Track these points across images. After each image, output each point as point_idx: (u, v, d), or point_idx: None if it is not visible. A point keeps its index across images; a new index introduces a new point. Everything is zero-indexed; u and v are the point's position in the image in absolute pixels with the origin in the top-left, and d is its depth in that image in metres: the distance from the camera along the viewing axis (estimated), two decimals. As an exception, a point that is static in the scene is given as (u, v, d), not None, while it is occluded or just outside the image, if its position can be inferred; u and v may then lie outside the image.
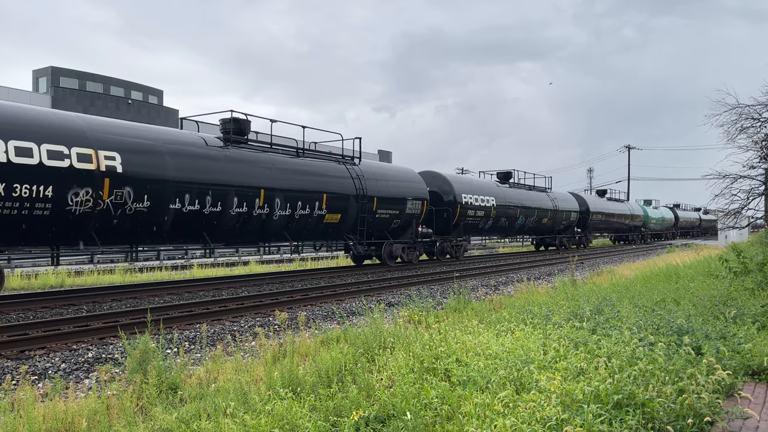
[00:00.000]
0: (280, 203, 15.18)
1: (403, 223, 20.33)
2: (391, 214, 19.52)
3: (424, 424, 3.91)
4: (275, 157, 15.65)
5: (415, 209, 20.59)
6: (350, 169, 18.22)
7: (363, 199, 18.04)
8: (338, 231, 17.86)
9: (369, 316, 7.03)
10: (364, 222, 18.23)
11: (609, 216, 40.91)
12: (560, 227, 34.19)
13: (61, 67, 45.18)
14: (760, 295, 8.92)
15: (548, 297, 10.04)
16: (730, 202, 13.02)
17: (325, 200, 16.69)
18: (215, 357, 6.37)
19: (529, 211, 29.38)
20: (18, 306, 10.92)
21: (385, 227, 19.66)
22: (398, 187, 20.01)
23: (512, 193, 28.47)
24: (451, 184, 23.68)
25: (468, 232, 25.46)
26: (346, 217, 17.62)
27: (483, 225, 25.71)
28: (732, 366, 5.28)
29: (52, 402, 4.62)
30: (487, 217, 25.57)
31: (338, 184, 17.37)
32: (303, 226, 16.30)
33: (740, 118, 12.56)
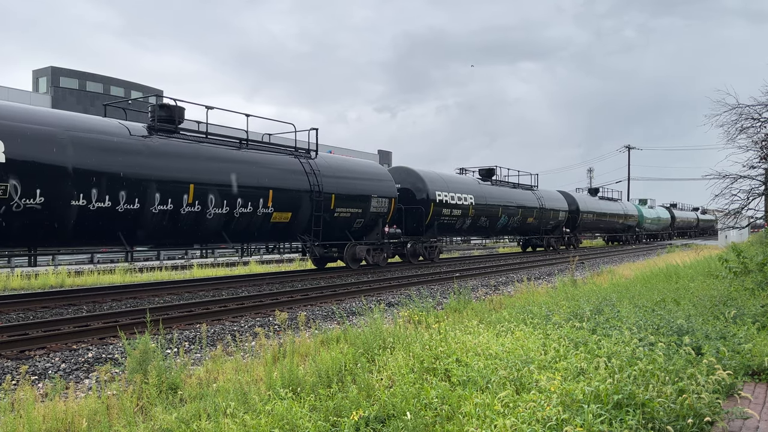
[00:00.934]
0: (215, 200, 13.55)
1: (367, 222, 18.70)
2: (352, 213, 17.95)
3: (424, 424, 3.91)
4: (210, 148, 13.99)
5: (381, 208, 18.97)
6: (305, 163, 16.55)
7: (318, 196, 16.40)
8: (289, 231, 16.17)
9: (369, 316, 7.03)
10: (319, 221, 16.60)
11: (601, 216, 39.45)
12: (547, 227, 32.58)
13: (61, 67, 45.20)
14: (760, 295, 8.92)
15: (548, 297, 10.04)
16: (730, 202, 13.03)
17: (272, 197, 15.03)
18: (215, 357, 6.36)
19: (513, 210, 27.74)
20: (18, 306, 10.92)
21: (346, 227, 18.07)
22: (361, 184, 18.38)
23: (494, 191, 26.79)
24: (423, 180, 22.02)
25: (443, 233, 23.91)
26: (298, 216, 15.96)
27: (460, 225, 24.05)
28: (732, 366, 5.28)
29: (52, 402, 4.62)
30: (465, 217, 23.96)
31: (288, 180, 15.70)
32: (245, 226, 14.67)
33: (740, 118, 12.57)
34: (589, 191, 42.73)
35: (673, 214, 57.55)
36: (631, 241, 46.71)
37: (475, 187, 25.23)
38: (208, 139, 14.17)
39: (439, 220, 22.35)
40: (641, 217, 47.56)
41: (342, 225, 17.87)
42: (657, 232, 53.35)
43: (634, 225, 46.38)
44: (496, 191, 27.03)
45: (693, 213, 68.75)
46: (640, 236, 48.61)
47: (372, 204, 18.62)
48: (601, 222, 39.93)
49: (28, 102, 34.37)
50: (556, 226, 33.37)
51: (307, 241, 16.76)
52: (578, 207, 35.67)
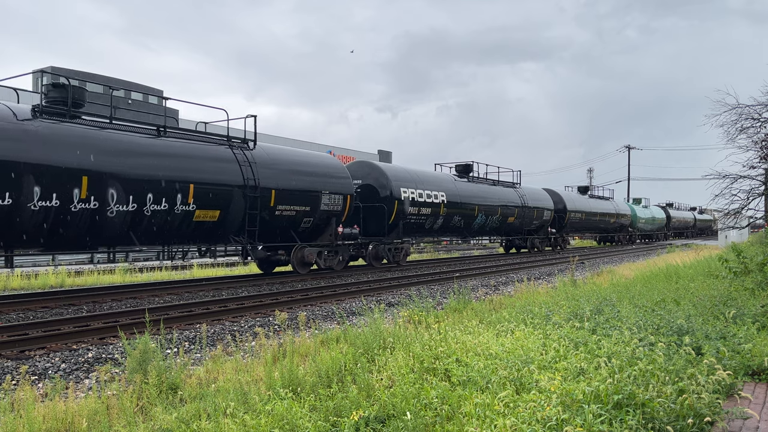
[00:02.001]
0: (117, 195, 11.59)
1: (317, 222, 16.79)
2: (298, 211, 15.96)
3: (424, 424, 3.91)
4: (113, 135, 11.95)
5: (333, 206, 17.08)
6: (239, 154, 14.56)
7: (254, 192, 14.43)
8: (218, 232, 14.20)
9: (369, 316, 7.03)
10: (256, 220, 14.63)
11: (591, 215, 37.40)
12: (531, 227, 30.49)
13: (61, 67, 45.18)
14: (760, 295, 8.92)
15: (548, 297, 10.04)
16: (730, 202, 12.99)
17: (193, 192, 13.05)
18: (215, 357, 6.36)
19: (491, 209, 25.80)
20: (18, 306, 10.92)
21: (291, 227, 16.11)
22: (309, 179, 16.40)
23: (470, 189, 24.80)
24: (387, 176, 20.10)
25: (411, 234, 21.96)
26: (228, 215, 14.03)
27: (431, 225, 22.21)
28: (732, 366, 5.28)
29: (52, 402, 4.62)
30: (436, 216, 22.12)
31: (215, 172, 13.72)
32: (160, 226, 12.66)
33: (740, 118, 12.54)
34: (578, 189, 40.55)
35: (668, 214, 56.02)
36: (623, 242, 44.98)
37: (448, 184, 23.41)
38: (113, 124, 12.16)
39: (405, 220, 20.52)
40: (635, 216, 46.07)
41: (286, 225, 15.92)
42: (652, 232, 51.78)
43: (627, 225, 44.80)
44: (473, 189, 25.16)
45: (690, 213, 67.28)
46: (634, 237, 47.04)
47: (323, 201, 16.73)
48: (591, 222, 38.15)
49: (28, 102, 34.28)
50: (540, 226, 31.49)
51: (242, 244, 14.70)
52: (565, 206, 33.85)
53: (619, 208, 43.08)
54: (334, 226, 17.30)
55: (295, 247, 16.30)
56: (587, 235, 45.94)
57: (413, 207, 20.79)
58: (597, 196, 41.02)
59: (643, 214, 48.41)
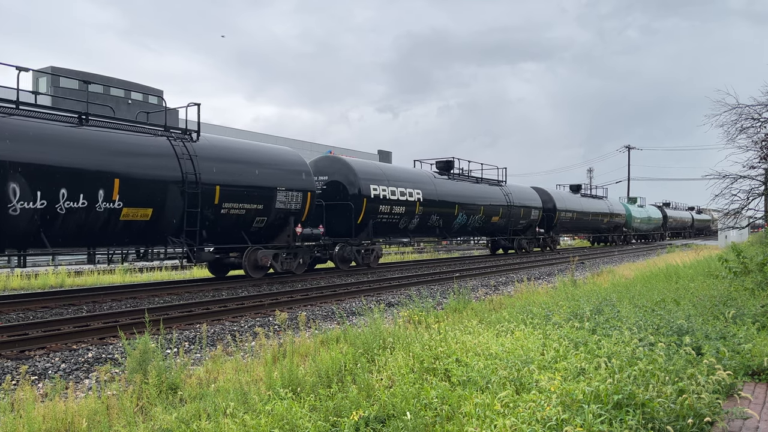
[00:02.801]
0: (20, 190, 10.18)
1: (272, 222, 15.41)
2: (249, 209, 14.56)
3: (424, 424, 3.91)
4: (19, 122, 10.57)
5: (291, 204, 15.66)
6: (178, 145, 13.11)
7: (194, 188, 12.97)
8: (153, 232, 12.70)
9: (369, 316, 7.03)
10: (196, 219, 13.16)
11: (582, 214, 35.87)
12: (518, 227, 29.15)
13: (61, 67, 45.18)
14: (760, 295, 8.92)
15: (548, 297, 10.04)
16: (730, 202, 12.99)
17: (119, 187, 11.54)
18: (215, 357, 6.37)
19: (473, 208, 24.44)
20: (18, 306, 10.92)
21: (241, 227, 14.73)
22: (262, 174, 14.98)
23: (450, 186, 23.44)
24: (354, 172, 18.75)
25: (383, 234, 20.58)
26: (164, 213, 12.59)
27: (405, 225, 20.87)
28: (732, 366, 5.28)
29: (52, 402, 4.62)
30: (411, 215, 20.81)
31: (147, 165, 12.33)
32: (79, 225, 11.14)
33: (740, 118, 12.54)
34: (570, 188, 38.92)
35: (665, 214, 54.82)
36: (618, 242, 43.61)
37: (425, 182, 22.06)
38: (20, 110, 10.89)
39: (375, 219, 19.23)
40: (629, 216, 44.74)
41: (235, 225, 14.54)
42: (648, 232, 50.43)
43: (622, 225, 43.42)
44: (453, 186, 23.79)
45: (687, 213, 66.06)
46: (629, 237, 45.58)
47: (278, 199, 15.33)
48: (583, 221, 36.63)
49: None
50: (528, 226, 30.08)
51: (180, 245, 13.22)
52: (555, 205, 32.40)
53: (613, 207, 41.95)
54: (293, 226, 15.88)
55: (248, 250, 14.94)
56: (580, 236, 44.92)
57: (384, 205, 19.43)
58: (590, 195, 39.91)
59: (639, 213, 47.29)
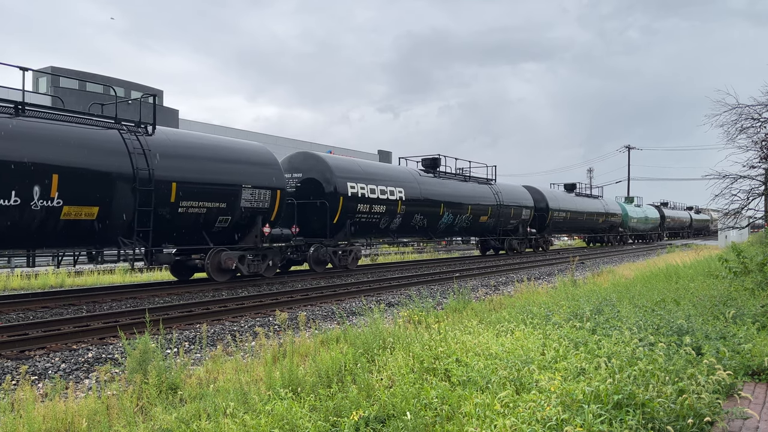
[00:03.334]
0: None
1: (237, 221, 14.39)
2: (210, 208, 13.50)
3: (424, 424, 3.91)
4: None
5: (258, 202, 14.64)
6: (130, 139, 12.09)
7: (146, 184, 11.99)
8: (100, 233, 11.62)
9: (369, 316, 7.03)
10: (149, 219, 12.16)
11: (577, 214, 34.78)
12: (508, 227, 28.03)
13: (61, 68, 45.19)
14: (760, 295, 8.92)
15: (548, 297, 10.04)
16: (730, 202, 13.01)
17: (58, 183, 10.59)
18: (215, 357, 6.37)
19: (460, 207, 23.51)
20: (18, 306, 10.92)
21: (202, 227, 13.68)
22: (226, 170, 13.99)
23: (435, 185, 22.53)
24: (330, 169, 17.74)
25: (362, 234, 19.65)
26: (111, 212, 11.57)
27: (386, 224, 19.90)
28: (732, 366, 5.28)
29: (52, 402, 4.62)
30: (392, 215, 19.80)
31: (93, 160, 11.26)
32: (11, 225, 10.27)
33: (740, 118, 12.55)
34: (565, 187, 37.76)
35: (663, 213, 53.97)
36: (614, 243, 42.58)
37: (408, 180, 21.08)
38: None
39: (353, 219, 18.26)
40: (626, 216, 43.82)
41: (195, 224, 13.48)
42: (645, 232, 49.62)
43: (618, 224, 42.47)
44: (439, 184, 22.87)
45: (685, 212, 65.26)
46: (625, 237, 44.61)
47: (243, 197, 14.28)
48: (578, 221, 35.52)
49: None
50: (519, 226, 29.05)
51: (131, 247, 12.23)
52: (548, 204, 31.35)
53: (609, 207, 41.11)
54: (260, 226, 14.85)
55: (211, 251, 13.82)
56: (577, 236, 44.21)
57: (363, 204, 18.44)
58: (584, 194, 38.90)
59: (635, 213, 46.46)
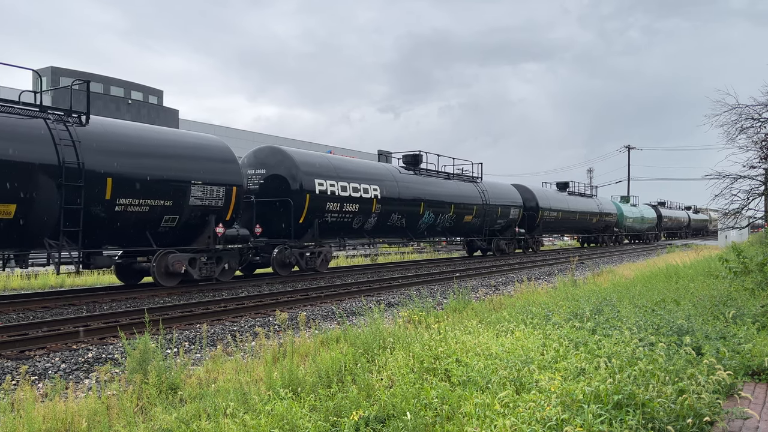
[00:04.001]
0: None
1: (186, 221, 13.15)
2: (153, 206, 12.29)
3: (424, 424, 3.91)
4: None
5: (211, 200, 13.46)
6: (58, 129, 10.94)
7: (75, 180, 10.88)
8: (20, 234, 10.62)
9: (369, 316, 7.03)
10: (78, 218, 11.06)
11: (569, 214, 33.61)
12: (495, 227, 26.84)
13: (61, 67, 45.19)
14: (760, 295, 8.92)
15: (548, 297, 10.05)
16: (730, 202, 13.02)
17: None
18: (215, 357, 6.37)
19: (442, 206, 22.42)
20: (18, 306, 10.92)
21: (146, 228, 12.48)
22: (172, 164, 12.70)
23: (414, 182, 21.36)
24: (297, 165, 16.49)
25: (332, 235, 18.38)
26: (33, 210, 10.51)
27: (360, 224, 18.67)
28: (732, 366, 5.28)
29: (52, 402, 4.62)
30: (366, 214, 18.56)
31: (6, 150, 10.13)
32: None
33: (740, 118, 12.56)
34: (557, 186, 36.50)
35: (660, 213, 52.89)
36: (608, 243, 41.34)
37: (384, 177, 19.86)
38: None
39: (322, 218, 17.02)
40: (621, 215, 42.68)
41: (136, 224, 12.23)
42: (641, 232, 48.49)
43: (613, 224, 41.24)
44: (419, 182, 21.70)
45: (683, 212, 64.06)
46: (620, 237, 43.43)
47: (192, 194, 13.01)
48: (570, 221, 34.36)
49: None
50: (507, 225, 27.79)
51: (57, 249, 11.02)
52: (538, 203, 30.23)
53: (603, 206, 39.87)
54: (213, 226, 13.67)
55: (157, 254, 12.66)
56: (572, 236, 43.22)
57: (333, 203, 17.28)
58: (578, 193, 37.45)
59: (631, 213, 45.30)
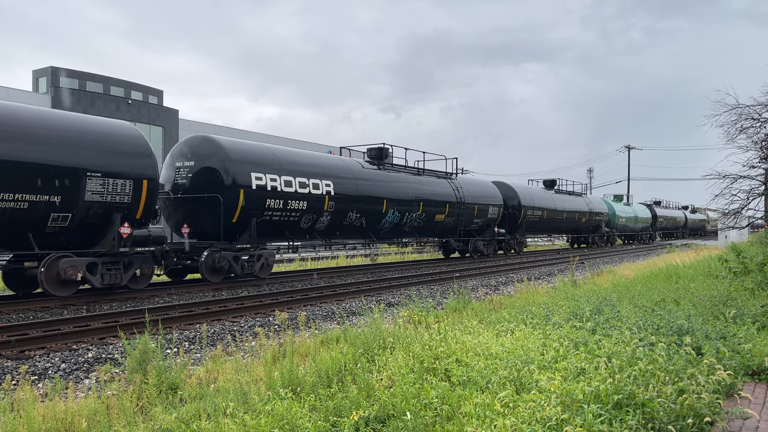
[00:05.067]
0: None
1: (82, 220, 11.27)
2: (35, 202, 10.45)
3: (424, 424, 3.91)
4: None
5: (115, 196, 11.59)
6: None
7: None
8: None
9: (369, 316, 7.03)
10: None
11: (555, 213, 31.74)
12: (471, 227, 24.73)
13: (61, 67, 45.19)
14: (760, 295, 8.92)
15: (548, 297, 10.05)
16: (730, 202, 13.04)
17: None
18: (215, 357, 6.37)
19: (408, 204, 20.33)
20: (18, 306, 10.91)
21: (28, 228, 10.65)
22: (58, 152, 10.79)
23: (377, 177, 19.34)
24: (230, 156, 14.35)
25: (276, 236, 16.31)
26: None
27: (310, 223, 16.42)
28: (732, 366, 5.28)
29: (52, 402, 4.62)
30: (317, 212, 16.37)
31: None
32: None
33: (740, 118, 12.57)
34: (544, 183, 34.78)
35: (654, 213, 51.13)
36: (599, 244, 39.33)
37: (339, 172, 17.58)
38: None
39: (261, 217, 14.90)
40: (612, 214, 40.89)
41: (13, 224, 10.44)
42: (635, 232, 46.67)
43: (603, 224, 39.28)
44: (381, 178, 19.62)
45: (680, 212, 62.09)
46: (612, 237, 41.42)
47: (89, 188, 11.17)
48: (556, 221, 32.50)
49: (28, 102, 34.37)
50: (485, 225, 25.61)
51: None
52: (520, 202, 28.30)
53: (594, 205, 37.99)
54: (118, 226, 11.80)
55: (47, 258, 10.91)
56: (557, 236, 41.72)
57: (275, 199, 15.13)
58: (565, 192, 35.53)
59: (624, 212, 43.50)
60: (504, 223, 27.81)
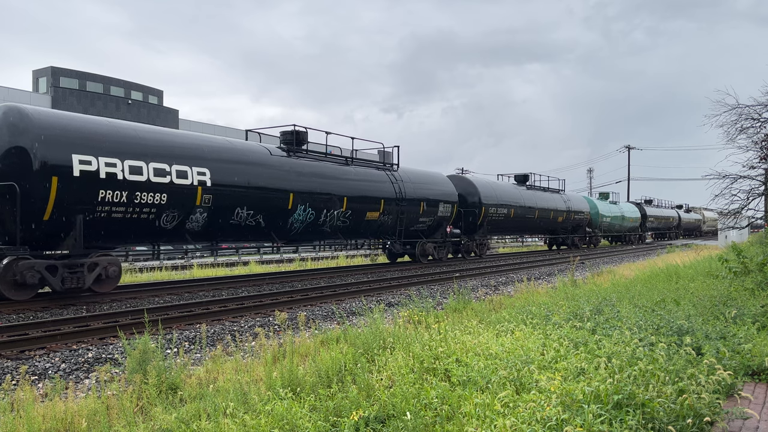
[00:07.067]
0: None
1: None
2: None
3: (424, 424, 3.91)
4: None
5: None
6: None
7: None
8: None
9: (369, 316, 7.03)
10: None
11: (525, 210, 28.21)
12: (418, 227, 21.01)
13: (61, 67, 45.18)
14: (760, 295, 8.92)
15: (548, 297, 10.05)
16: (730, 203, 13.04)
17: None
18: (215, 357, 6.36)
19: (326, 200, 16.57)
20: (18, 306, 10.91)
21: None
22: None
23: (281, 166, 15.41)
24: (37, 129, 10.64)
25: (120, 238, 12.59)
26: None
27: (175, 222, 12.71)
28: (732, 366, 5.28)
29: (52, 402, 4.62)
30: (186, 209, 12.82)
31: None
32: None
33: (740, 118, 12.57)
34: (515, 178, 31.33)
35: (644, 212, 48.05)
36: (580, 246, 36.42)
37: (221, 156, 13.81)
38: None
39: (92, 214, 11.35)
40: (596, 213, 37.73)
41: None
42: (622, 233, 43.77)
43: (585, 224, 36.22)
44: (290, 166, 15.73)
45: (672, 211, 58.60)
46: (595, 238, 38.37)
47: None
48: (527, 220, 28.87)
49: (28, 102, 34.37)
50: (435, 225, 21.97)
51: None
52: (480, 198, 24.58)
53: (573, 203, 34.65)
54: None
55: None
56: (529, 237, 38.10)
57: (114, 190, 11.49)
58: (540, 188, 32.23)
59: (609, 211, 40.26)
60: (459, 223, 24.51)
